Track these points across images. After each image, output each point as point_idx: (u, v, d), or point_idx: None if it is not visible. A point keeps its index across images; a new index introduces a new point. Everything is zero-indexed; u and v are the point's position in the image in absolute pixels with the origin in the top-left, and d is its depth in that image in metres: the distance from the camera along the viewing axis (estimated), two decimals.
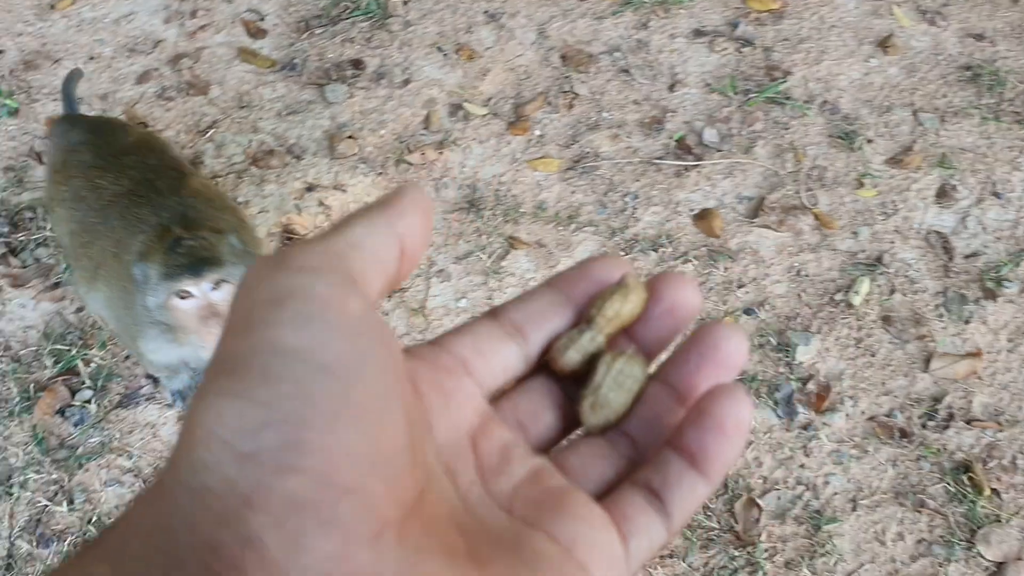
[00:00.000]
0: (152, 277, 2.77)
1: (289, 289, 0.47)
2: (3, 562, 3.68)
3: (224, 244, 2.79)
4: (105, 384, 4.09)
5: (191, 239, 2.77)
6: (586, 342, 0.62)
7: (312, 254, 0.49)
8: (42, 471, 3.88)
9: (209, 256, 2.72)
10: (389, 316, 4.31)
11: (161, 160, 3.30)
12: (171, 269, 2.74)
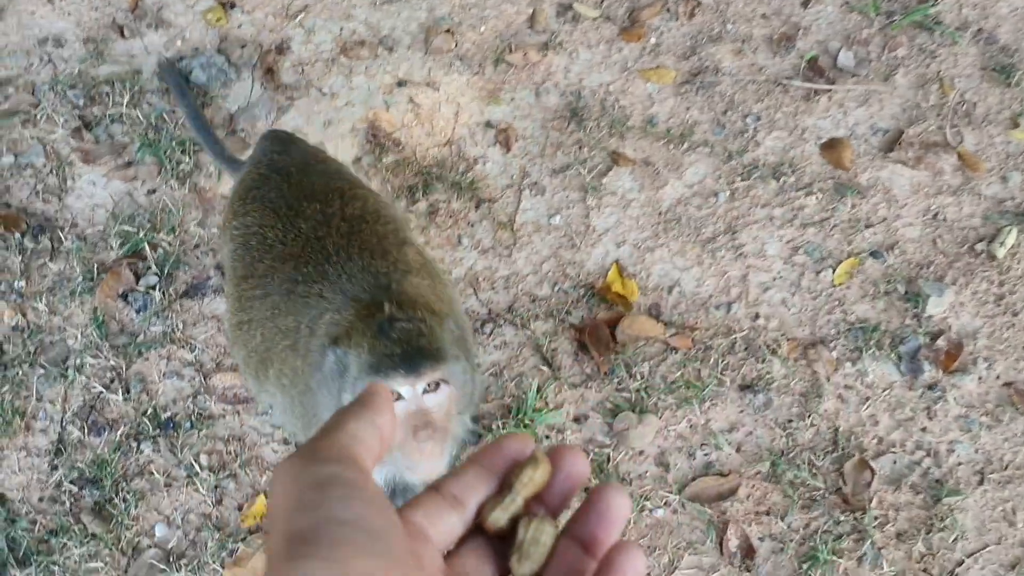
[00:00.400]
0: (352, 368, 2.23)
1: (327, 476, 0.69)
2: (52, 447, 3.47)
3: (446, 331, 2.31)
4: (172, 272, 3.83)
5: (406, 321, 2.24)
6: (508, 505, 0.82)
7: (330, 448, 0.72)
8: (100, 356, 3.64)
9: (429, 347, 2.21)
10: (475, 228, 3.96)
11: (364, 212, 2.83)
12: (381, 360, 2.17)
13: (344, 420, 0.76)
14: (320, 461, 0.70)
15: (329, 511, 0.67)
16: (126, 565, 3.25)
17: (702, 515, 3.34)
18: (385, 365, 2.16)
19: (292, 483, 0.69)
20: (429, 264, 2.87)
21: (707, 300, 3.79)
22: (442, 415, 2.26)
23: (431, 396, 2.23)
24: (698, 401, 3.54)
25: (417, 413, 2.22)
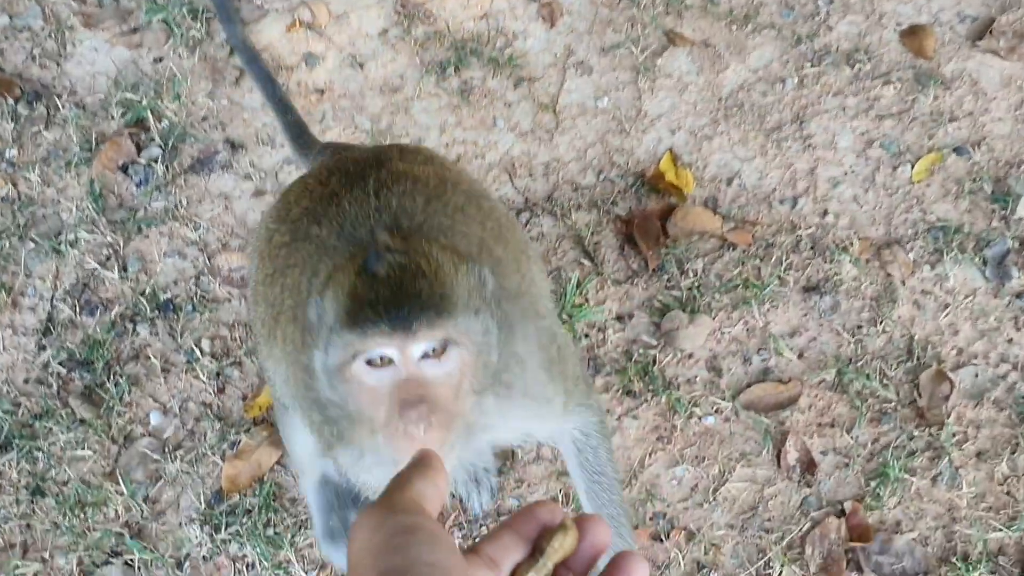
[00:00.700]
0: (327, 320, 1.70)
1: (411, 524, 0.84)
2: (41, 326, 3.14)
3: (465, 278, 1.71)
4: (177, 145, 3.46)
5: (402, 254, 1.69)
6: (539, 569, 0.92)
7: (406, 501, 0.87)
8: (95, 231, 3.29)
9: (429, 293, 1.64)
10: (512, 109, 3.55)
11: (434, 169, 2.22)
12: (359, 307, 1.63)
13: (410, 480, 0.90)
14: (401, 512, 0.85)
15: (418, 554, 0.81)
16: (116, 454, 2.93)
17: (758, 425, 2.97)
18: (363, 316, 1.60)
19: (378, 528, 0.84)
20: (503, 218, 2.26)
21: (770, 194, 3.38)
22: (447, 392, 1.68)
23: (432, 364, 1.65)
24: (757, 302, 3.15)
25: (408, 382, 1.65)
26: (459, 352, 1.66)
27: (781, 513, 2.87)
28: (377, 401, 1.67)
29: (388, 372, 1.65)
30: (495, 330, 1.73)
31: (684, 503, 2.88)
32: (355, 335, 1.62)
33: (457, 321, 1.63)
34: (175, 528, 2.83)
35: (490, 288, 1.75)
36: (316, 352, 1.74)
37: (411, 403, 1.62)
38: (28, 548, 2.81)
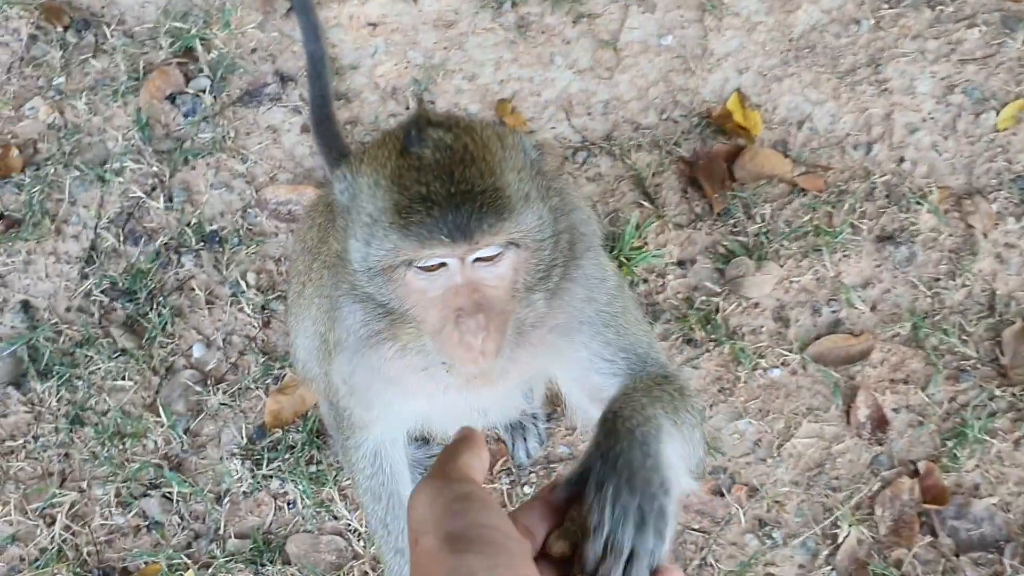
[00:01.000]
0: (367, 207, 1.52)
1: (466, 492, 0.96)
2: (84, 254, 3.03)
3: (512, 155, 1.55)
4: (225, 76, 3.32)
5: (446, 130, 1.51)
6: (570, 535, 1.08)
7: (460, 470, 1.00)
8: (141, 161, 3.18)
9: (486, 190, 1.46)
10: (571, 46, 3.36)
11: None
12: (408, 207, 1.45)
13: (459, 452, 1.03)
14: (456, 481, 0.98)
15: (476, 517, 0.93)
16: (157, 385, 2.82)
17: (827, 378, 2.78)
18: (416, 218, 1.42)
19: (436, 497, 0.96)
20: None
21: (843, 139, 3.17)
22: (501, 294, 1.55)
23: (487, 267, 1.52)
24: (828, 250, 2.95)
25: (463, 288, 1.51)
26: (515, 252, 1.53)
27: (849, 472, 2.68)
28: (427, 304, 1.53)
29: (441, 277, 1.51)
30: (548, 217, 1.58)
31: (746, 458, 2.71)
32: (407, 241, 1.45)
33: (518, 220, 1.49)
34: (215, 462, 2.72)
35: (534, 159, 1.60)
36: (353, 242, 1.56)
37: (468, 311, 1.49)
38: (67, 477, 2.72)
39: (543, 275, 1.60)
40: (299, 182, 3.13)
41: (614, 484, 1.16)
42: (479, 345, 1.49)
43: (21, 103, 3.30)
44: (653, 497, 1.20)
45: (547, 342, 1.74)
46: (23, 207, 3.09)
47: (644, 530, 1.14)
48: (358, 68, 3.35)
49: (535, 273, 1.58)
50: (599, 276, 1.81)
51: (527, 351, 1.70)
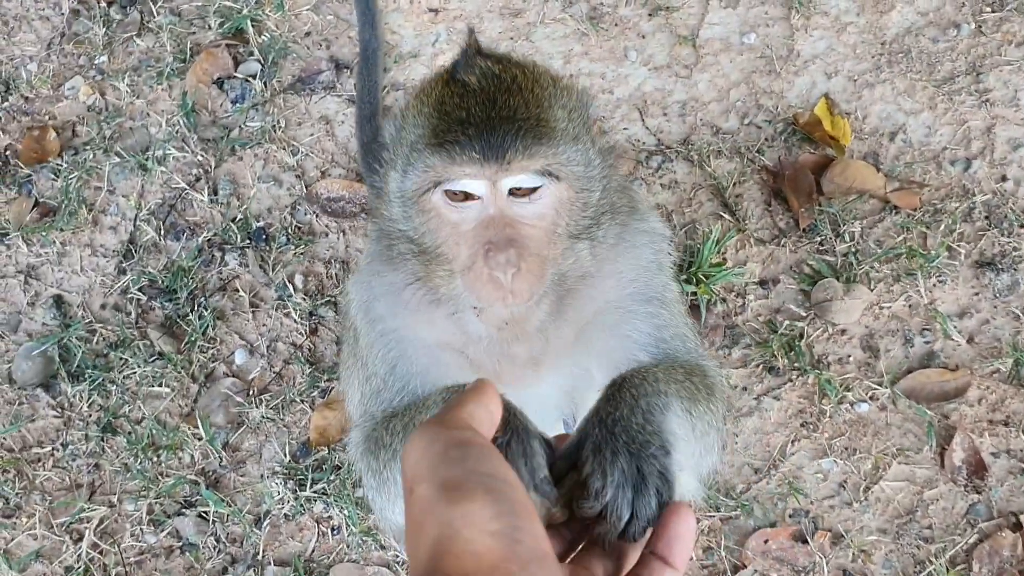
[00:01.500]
0: (408, 135, 1.43)
1: (464, 438, 0.86)
2: (122, 247, 2.80)
3: (565, 97, 1.44)
4: (277, 61, 3.07)
5: (495, 63, 1.41)
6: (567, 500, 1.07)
7: (457, 419, 0.90)
8: (186, 149, 2.94)
9: (527, 115, 1.35)
10: (647, 41, 3.08)
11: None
12: (445, 127, 1.36)
13: (463, 401, 0.93)
14: (454, 427, 0.88)
15: (474, 464, 0.83)
16: (196, 393, 2.59)
17: (919, 416, 2.51)
18: (450, 136, 1.32)
19: (431, 444, 0.86)
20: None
21: (939, 153, 2.88)
22: (538, 234, 1.40)
23: (524, 202, 1.38)
24: (922, 275, 2.67)
25: (495, 220, 1.38)
26: (556, 188, 1.39)
27: (943, 521, 2.41)
28: (458, 239, 1.41)
29: (473, 208, 1.38)
30: (597, 162, 1.46)
31: (830, 500, 2.45)
32: (439, 158, 1.34)
33: (558, 149, 1.36)
34: (255, 480, 2.49)
35: (591, 111, 1.50)
36: (392, 173, 1.47)
37: (498, 245, 1.35)
38: (96, 490, 2.50)
39: (590, 222, 1.46)
40: (352, 178, 2.88)
41: (611, 448, 1.16)
42: (508, 282, 1.36)
43: (60, 82, 3.07)
44: (652, 458, 1.17)
45: (594, 318, 1.57)
46: (59, 194, 2.87)
47: (644, 493, 1.12)
48: (418, 56, 3.09)
49: (580, 217, 1.44)
50: (656, 246, 1.65)
51: (570, 325, 1.55)
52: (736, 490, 2.45)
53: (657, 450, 1.18)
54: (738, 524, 2.42)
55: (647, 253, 1.62)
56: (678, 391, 1.40)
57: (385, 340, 1.62)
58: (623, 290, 1.59)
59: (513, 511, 0.79)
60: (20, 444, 2.55)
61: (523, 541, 0.78)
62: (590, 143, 1.46)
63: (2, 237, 2.81)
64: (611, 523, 1.06)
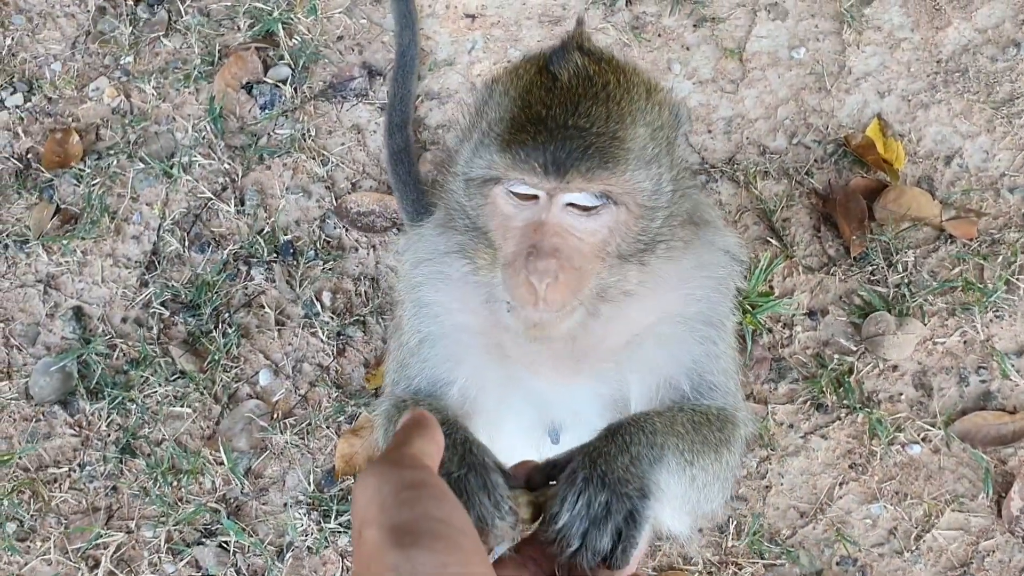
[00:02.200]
0: (489, 113, 1.35)
1: (418, 479, 0.80)
2: (145, 258, 2.65)
3: (656, 110, 1.36)
4: (308, 66, 2.91)
5: (594, 62, 1.32)
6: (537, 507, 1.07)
7: (409, 458, 0.84)
8: (212, 157, 2.78)
9: (603, 132, 1.26)
10: (691, 53, 2.90)
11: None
12: (519, 126, 1.28)
13: (410, 438, 0.87)
14: (407, 467, 0.82)
15: (426, 509, 0.77)
16: (218, 416, 2.44)
17: (975, 461, 2.34)
18: (519, 138, 1.25)
19: (382, 485, 0.80)
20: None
21: (998, 179, 2.69)
22: (587, 249, 1.33)
23: (579, 217, 1.30)
24: (979, 309, 2.49)
25: (546, 227, 1.30)
26: (615, 210, 1.32)
27: (1000, 575, 2.25)
28: (507, 233, 1.35)
29: (528, 208, 1.32)
30: (669, 188, 1.37)
31: (879, 548, 2.28)
32: (504, 158, 1.28)
33: (624, 175, 1.28)
34: (278, 510, 2.34)
35: (683, 130, 1.43)
36: (465, 147, 1.40)
37: (542, 251, 1.28)
38: (113, 514, 2.35)
39: (643, 247, 1.38)
40: (383, 191, 2.71)
41: (583, 476, 1.14)
42: (543, 291, 1.29)
43: (85, 83, 2.91)
44: (625, 497, 1.15)
45: (649, 328, 1.47)
46: (81, 201, 2.71)
47: (601, 528, 1.10)
48: (453, 64, 2.92)
49: (633, 241, 1.36)
50: (729, 268, 1.53)
51: (619, 333, 1.45)
52: (781, 535, 2.29)
53: (633, 491, 1.16)
54: (782, 572, 2.26)
55: (718, 272, 1.51)
56: (677, 444, 1.35)
57: (420, 311, 1.55)
58: (687, 307, 1.49)
59: (464, 560, 0.75)
60: (36, 463, 2.40)
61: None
62: (667, 167, 1.36)
63: (22, 244, 2.66)
64: (559, 547, 1.06)
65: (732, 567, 2.24)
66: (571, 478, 1.13)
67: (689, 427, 1.40)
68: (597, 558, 1.09)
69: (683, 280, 1.48)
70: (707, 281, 1.50)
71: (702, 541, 2.29)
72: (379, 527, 0.76)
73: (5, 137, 2.82)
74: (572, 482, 1.13)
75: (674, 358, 1.50)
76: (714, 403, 1.51)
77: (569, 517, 1.08)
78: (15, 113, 2.86)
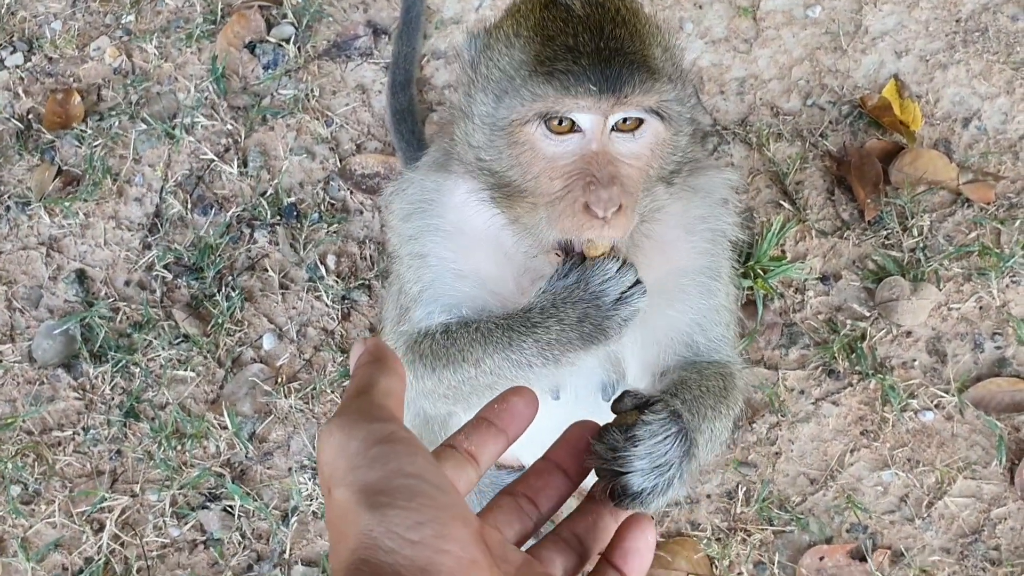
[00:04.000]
0: (501, 61, 1.31)
1: (387, 434, 0.75)
2: (148, 221, 2.60)
3: (660, 34, 1.35)
4: (312, 24, 2.83)
5: (596, 9, 1.29)
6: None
7: (375, 408, 0.77)
8: (215, 118, 2.71)
9: (638, 49, 1.26)
10: (704, 11, 2.82)
11: None
12: (555, 55, 1.26)
13: (374, 378, 0.80)
14: (374, 420, 0.76)
15: (398, 465, 0.73)
16: (222, 380, 2.40)
17: (988, 428, 2.29)
18: (563, 65, 1.23)
19: (348, 439, 0.74)
20: None
21: (1016, 142, 2.61)
22: (635, 174, 1.32)
23: (626, 139, 1.30)
24: (995, 275, 2.43)
25: (599, 156, 1.28)
26: (657, 126, 1.31)
27: (1012, 542, 2.20)
28: (553, 173, 1.30)
29: (573, 142, 1.29)
30: (687, 104, 1.37)
31: (891, 516, 2.24)
32: (551, 88, 1.23)
33: (666, 87, 1.28)
34: (283, 474, 2.30)
35: (681, 50, 1.41)
36: (479, 96, 1.33)
37: (603, 181, 1.25)
38: (118, 478, 2.32)
39: (675, 166, 1.40)
40: (389, 152, 2.65)
41: (673, 410, 1.19)
42: (609, 220, 1.26)
43: (86, 42, 2.84)
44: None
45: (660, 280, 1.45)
46: (83, 162, 2.66)
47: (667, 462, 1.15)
48: (460, 23, 2.84)
49: (669, 159, 1.37)
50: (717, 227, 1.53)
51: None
52: (791, 502, 2.25)
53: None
54: (792, 538, 2.22)
55: (718, 224, 1.54)
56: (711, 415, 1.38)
57: (416, 262, 1.52)
58: (692, 261, 1.51)
59: (439, 518, 0.71)
60: (40, 427, 2.37)
61: (449, 551, 0.70)
62: (681, 84, 1.35)
63: (24, 206, 2.61)
64: (611, 465, 1.07)
65: (741, 533, 2.20)
66: (657, 411, 1.16)
67: (715, 396, 1.40)
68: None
69: (689, 233, 1.48)
70: (708, 233, 1.50)
71: (711, 507, 2.25)
72: (348, 487, 0.72)
73: (5, 97, 2.76)
74: (657, 413, 1.16)
75: (679, 313, 1.49)
76: (719, 358, 1.50)
77: (648, 446, 1.12)
78: (15, 73, 2.79)
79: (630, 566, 0.88)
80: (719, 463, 2.27)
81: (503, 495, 0.90)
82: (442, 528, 0.71)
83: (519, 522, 0.88)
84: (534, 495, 0.90)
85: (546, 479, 0.92)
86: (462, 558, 0.70)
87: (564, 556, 0.89)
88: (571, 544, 0.90)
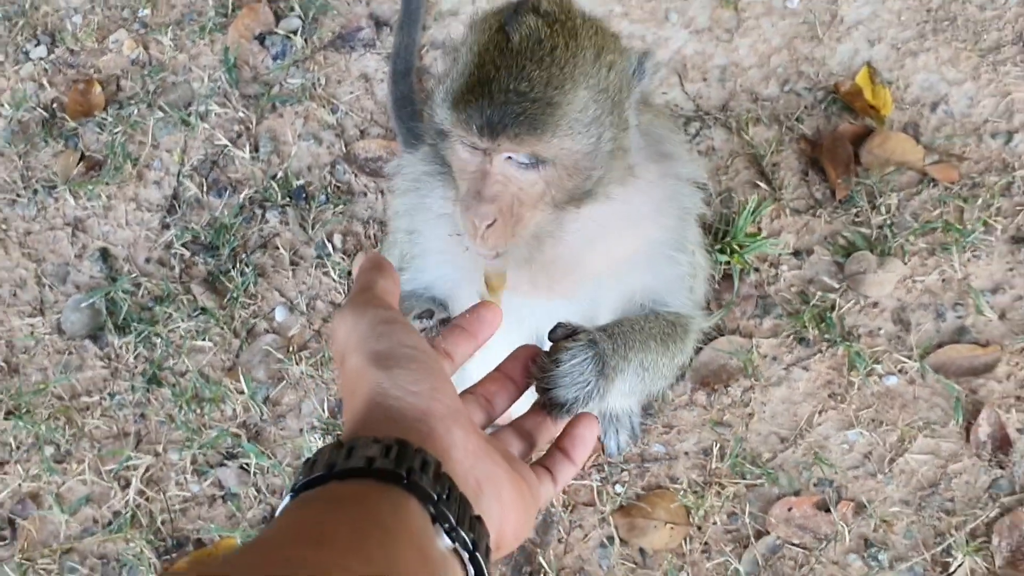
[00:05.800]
0: (455, 68, 1.46)
1: (389, 316, 0.97)
2: (166, 202, 2.82)
3: (604, 72, 1.44)
4: (318, 17, 3.04)
5: (548, 24, 1.40)
6: None
7: (377, 298, 0.99)
8: (228, 105, 2.93)
9: (536, 100, 1.38)
10: (688, 2, 3.02)
11: None
12: (468, 86, 1.39)
13: (375, 280, 1.02)
14: (377, 306, 0.98)
15: (399, 339, 0.95)
16: (238, 349, 2.63)
17: (947, 391, 2.50)
18: (465, 98, 1.38)
19: (359, 319, 0.96)
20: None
21: (981, 125, 2.81)
22: (526, 198, 1.48)
23: (518, 169, 1.45)
24: (957, 249, 2.63)
25: (490, 175, 1.45)
26: (548, 171, 1.45)
27: (966, 494, 2.42)
28: (463, 174, 1.51)
29: (479, 157, 1.46)
30: (609, 148, 1.48)
31: (855, 471, 2.46)
32: (452, 115, 1.42)
33: (554, 141, 1.40)
34: (295, 435, 2.53)
35: (640, 87, 1.51)
36: (439, 88, 1.50)
37: (482, 197, 1.45)
38: (142, 439, 2.55)
39: (582, 195, 1.53)
40: (391, 137, 2.87)
41: (589, 338, 1.41)
42: (481, 231, 1.46)
43: (105, 35, 3.06)
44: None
45: (629, 256, 1.69)
46: (104, 148, 2.88)
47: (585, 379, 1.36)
48: (457, 15, 3.05)
49: (569, 194, 1.51)
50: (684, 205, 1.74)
51: (601, 257, 1.67)
52: (762, 458, 2.47)
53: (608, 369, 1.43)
54: (762, 491, 2.44)
55: (685, 203, 1.72)
56: (641, 358, 1.62)
57: (405, 236, 1.77)
58: (660, 235, 1.69)
59: (432, 376, 0.92)
60: (70, 393, 2.60)
61: (441, 400, 0.91)
62: (610, 126, 1.46)
63: (50, 190, 2.84)
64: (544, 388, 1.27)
65: (716, 487, 2.42)
66: (578, 339, 1.38)
67: (646, 334, 1.65)
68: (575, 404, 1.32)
69: (659, 212, 1.69)
70: (675, 211, 1.71)
71: (688, 463, 2.47)
72: (361, 354, 0.93)
73: (31, 88, 2.98)
74: (577, 341, 1.37)
75: (645, 280, 1.72)
76: (673, 310, 1.75)
77: (567, 367, 1.32)
78: (39, 65, 3.01)
79: (576, 449, 1.11)
80: (696, 423, 2.49)
81: (466, 393, 1.10)
82: (435, 384, 0.92)
83: (479, 412, 1.10)
84: (490, 397, 1.12)
85: (499, 385, 1.14)
86: (450, 406, 0.92)
87: (517, 442, 1.12)
88: (522, 435, 1.13)
